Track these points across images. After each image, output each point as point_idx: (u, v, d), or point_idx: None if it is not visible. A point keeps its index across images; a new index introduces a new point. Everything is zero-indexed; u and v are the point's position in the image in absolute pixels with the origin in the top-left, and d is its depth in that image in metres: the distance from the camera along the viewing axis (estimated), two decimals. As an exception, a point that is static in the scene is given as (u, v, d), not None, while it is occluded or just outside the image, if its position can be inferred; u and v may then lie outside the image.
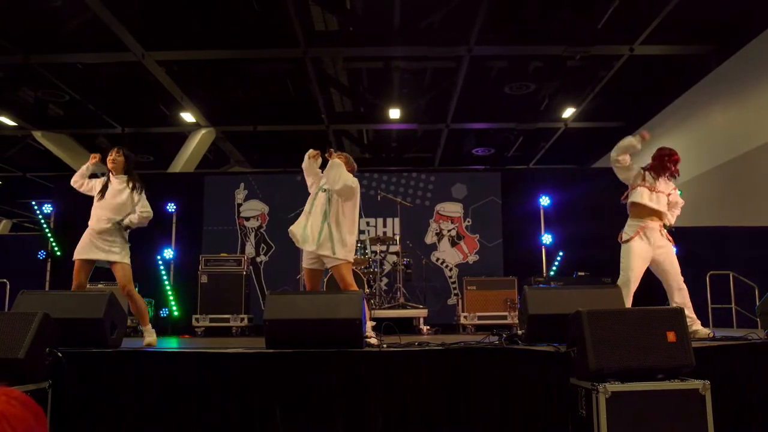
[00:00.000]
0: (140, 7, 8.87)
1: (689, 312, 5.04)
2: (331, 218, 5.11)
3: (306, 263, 5.26)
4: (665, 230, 5.30)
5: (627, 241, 5.24)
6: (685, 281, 5.24)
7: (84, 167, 5.32)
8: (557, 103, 12.30)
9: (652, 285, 5.80)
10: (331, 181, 5.13)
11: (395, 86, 11.72)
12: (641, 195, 5.26)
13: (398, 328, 5.07)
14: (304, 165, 5.37)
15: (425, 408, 3.91)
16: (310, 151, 5.39)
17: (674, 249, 5.30)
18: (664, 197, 5.30)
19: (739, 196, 9.97)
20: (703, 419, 3.26)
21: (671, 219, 5.38)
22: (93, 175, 5.38)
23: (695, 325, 5.03)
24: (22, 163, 15.94)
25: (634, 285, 5.14)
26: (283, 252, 9.60)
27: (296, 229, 5.18)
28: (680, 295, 5.17)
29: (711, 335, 4.84)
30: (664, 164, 5.38)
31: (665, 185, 5.35)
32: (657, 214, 5.27)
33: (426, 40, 9.72)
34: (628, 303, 5.07)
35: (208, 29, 9.42)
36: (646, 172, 5.37)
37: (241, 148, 15.55)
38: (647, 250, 5.18)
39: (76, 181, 5.30)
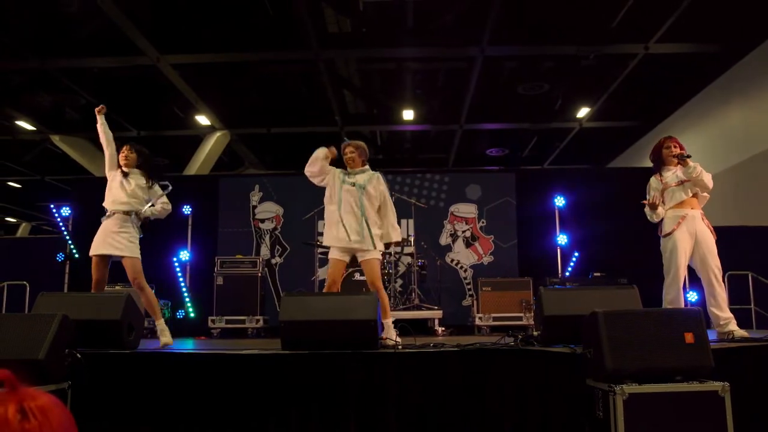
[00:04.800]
0: (154, 11, 8.93)
1: (723, 312, 4.91)
2: (367, 213, 5.16)
3: (336, 255, 5.23)
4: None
5: (668, 234, 5.06)
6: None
7: (100, 125, 5.33)
8: (571, 102, 12.23)
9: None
10: (374, 195, 5.22)
11: (408, 87, 11.71)
12: (671, 198, 5.14)
13: (413, 330, 5.08)
14: (316, 163, 5.30)
15: (440, 409, 3.91)
16: (328, 151, 5.34)
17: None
18: (688, 183, 5.11)
19: (756, 195, 9.86)
20: (722, 421, 3.22)
21: (706, 186, 5.11)
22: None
23: (731, 324, 4.87)
24: (40, 166, 16.12)
25: (681, 282, 4.97)
26: (297, 253, 9.63)
27: (331, 229, 5.21)
28: (716, 292, 4.96)
29: (747, 335, 4.74)
30: (661, 157, 5.29)
31: (681, 172, 5.16)
32: (693, 201, 5.11)
33: (439, 41, 9.70)
34: (681, 303, 4.95)
35: (222, 32, 9.46)
36: (659, 176, 5.27)
37: (255, 151, 15.61)
38: (690, 241, 4.99)
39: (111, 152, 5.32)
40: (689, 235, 5.00)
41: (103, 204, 5.20)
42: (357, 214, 5.13)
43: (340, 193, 5.20)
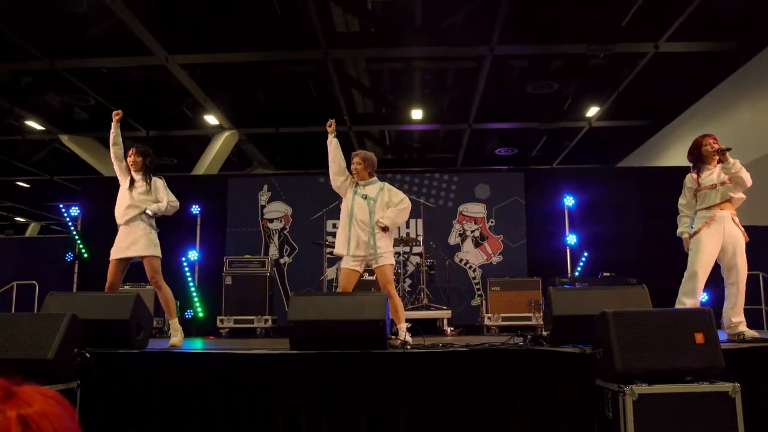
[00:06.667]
0: (163, 12, 8.96)
1: (737, 316, 4.86)
2: (376, 221, 5.17)
3: (348, 264, 5.22)
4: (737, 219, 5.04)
5: (695, 233, 5.00)
6: (712, 282, 5.08)
7: (113, 134, 5.35)
8: (581, 102, 12.18)
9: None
10: (385, 205, 5.22)
11: (417, 87, 11.70)
12: (702, 200, 5.07)
13: (422, 330, 5.06)
14: (334, 161, 5.33)
15: (449, 409, 3.90)
16: (330, 130, 5.43)
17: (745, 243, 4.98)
18: (722, 187, 5.01)
19: (767, 194, 9.77)
20: (733, 422, 3.20)
21: (742, 188, 5.00)
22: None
23: (741, 326, 4.83)
24: (49, 166, 16.22)
25: (703, 278, 4.90)
26: (306, 253, 9.63)
27: (341, 244, 5.22)
28: (737, 294, 4.89)
29: (758, 336, 4.70)
30: (700, 155, 5.19)
31: (718, 173, 5.04)
32: (725, 201, 5.03)
33: (447, 40, 9.68)
34: (697, 297, 4.90)
35: (230, 32, 9.48)
36: (696, 175, 5.17)
37: (263, 150, 15.64)
38: (716, 240, 4.92)
39: (116, 154, 5.35)
40: (716, 235, 4.93)
41: (115, 211, 5.24)
42: (368, 226, 5.14)
43: (352, 204, 5.23)
